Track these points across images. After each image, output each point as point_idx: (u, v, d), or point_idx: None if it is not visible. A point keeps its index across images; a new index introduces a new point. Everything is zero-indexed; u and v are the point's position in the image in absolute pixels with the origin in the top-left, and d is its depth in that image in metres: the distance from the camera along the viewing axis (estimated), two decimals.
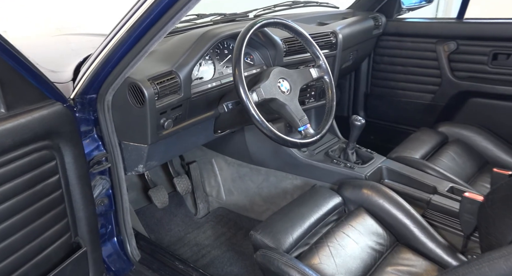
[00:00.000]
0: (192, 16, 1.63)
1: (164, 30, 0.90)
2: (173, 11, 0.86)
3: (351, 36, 1.87)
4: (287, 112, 1.20)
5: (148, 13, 0.87)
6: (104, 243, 1.26)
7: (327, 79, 1.33)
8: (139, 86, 1.03)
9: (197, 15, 1.65)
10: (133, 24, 0.90)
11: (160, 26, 0.89)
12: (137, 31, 0.91)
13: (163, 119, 1.12)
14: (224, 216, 1.88)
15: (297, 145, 1.17)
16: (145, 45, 0.93)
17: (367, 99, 2.48)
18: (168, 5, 0.86)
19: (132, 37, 0.92)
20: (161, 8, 0.86)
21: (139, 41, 0.93)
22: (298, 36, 1.29)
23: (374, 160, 1.58)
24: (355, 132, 1.52)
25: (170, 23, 0.89)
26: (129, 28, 0.91)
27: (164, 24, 0.89)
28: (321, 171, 1.57)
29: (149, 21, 0.89)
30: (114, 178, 1.18)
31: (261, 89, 1.13)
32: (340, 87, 2.52)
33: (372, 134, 2.50)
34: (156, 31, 0.90)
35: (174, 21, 0.89)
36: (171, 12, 0.86)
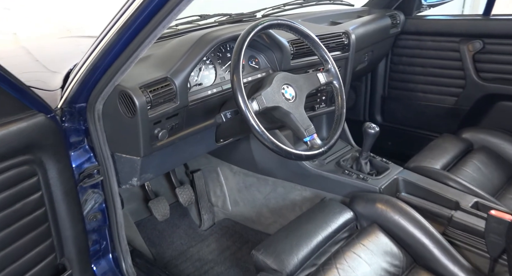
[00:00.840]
0: (194, 17, 1.56)
1: (154, 35, 0.84)
2: (162, 14, 0.80)
3: (365, 36, 1.77)
4: (291, 122, 1.12)
5: (135, 17, 0.81)
6: (98, 260, 1.20)
7: (337, 85, 1.23)
8: (130, 94, 0.96)
9: (200, 16, 1.58)
10: (120, 29, 0.84)
11: (150, 30, 0.83)
12: (125, 36, 0.85)
13: (157, 130, 1.06)
14: (230, 228, 1.80)
15: (302, 157, 1.08)
16: (134, 51, 0.87)
17: (384, 102, 2.36)
18: (157, 8, 0.80)
19: (120, 42, 0.86)
20: (149, 11, 0.80)
21: (128, 46, 0.87)
22: (304, 39, 1.21)
23: (389, 170, 1.47)
24: (369, 141, 1.42)
25: (160, 27, 0.82)
26: (116, 33, 0.85)
27: (153, 28, 0.82)
28: (331, 182, 1.47)
29: (137, 25, 0.83)
30: (107, 192, 1.12)
31: (262, 97, 1.05)
32: (356, 89, 2.41)
33: (390, 140, 2.38)
34: (146, 36, 0.84)
35: (164, 24, 0.82)
36: (160, 15, 0.80)
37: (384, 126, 2.38)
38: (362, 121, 2.44)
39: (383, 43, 2.03)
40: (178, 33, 1.43)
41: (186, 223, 1.82)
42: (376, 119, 2.41)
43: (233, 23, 1.65)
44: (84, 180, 1.06)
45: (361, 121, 2.43)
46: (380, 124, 2.39)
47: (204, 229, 1.82)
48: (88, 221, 1.12)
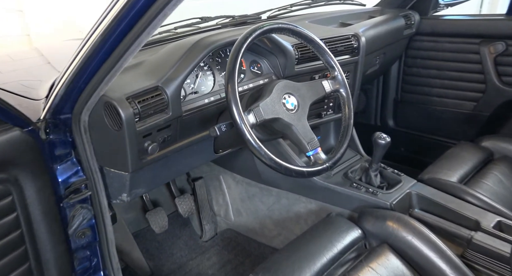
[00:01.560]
0: (195, 20, 1.47)
1: (139, 42, 0.76)
2: (146, 20, 0.72)
3: (377, 38, 1.65)
4: (293, 134, 1.02)
5: (116, 23, 0.74)
6: None
7: (344, 94, 1.13)
8: (115, 106, 0.88)
9: (201, 19, 1.49)
10: (102, 36, 0.77)
11: (133, 38, 0.75)
12: (108, 43, 0.78)
13: (147, 143, 0.97)
14: (232, 239, 1.71)
15: (304, 174, 0.98)
16: (118, 60, 0.79)
17: (397, 106, 2.24)
18: (140, 13, 0.71)
19: (103, 50, 0.79)
20: (131, 17, 0.72)
21: (111, 54, 0.79)
22: (308, 43, 1.10)
23: (401, 184, 1.36)
24: (379, 152, 1.30)
25: (145, 34, 0.74)
26: (98, 40, 0.78)
27: (137, 35, 0.74)
28: (338, 196, 1.37)
29: (120, 32, 0.75)
30: (95, 207, 1.04)
31: (260, 109, 0.95)
32: (366, 92, 2.29)
33: (403, 145, 2.26)
34: (129, 44, 0.76)
35: (149, 31, 0.74)
36: (144, 21, 0.72)
37: (396, 131, 2.26)
38: (373, 125, 2.32)
39: (396, 45, 1.91)
40: (177, 36, 1.35)
41: (187, 233, 1.74)
42: (388, 123, 2.29)
43: (236, 25, 1.55)
44: (70, 196, 0.98)
45: (372, 126, 2.32)
46: (392, 129, 2.26)
47: (206, 240, 1.73)
48: (76, 238, 1.05)
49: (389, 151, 1.33)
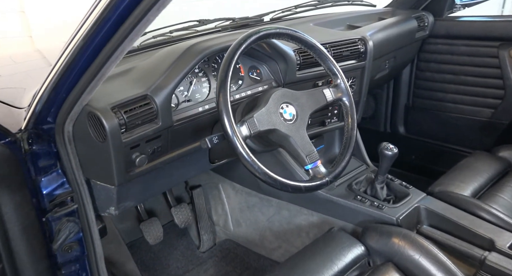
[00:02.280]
0: (192, 23, 1.43)
1: (121, 50, 0.72)
2: (128, 26, 0.67)
3: (387, 41, 1.59)
4: (290, 146, 0.96)
5: (97, 30, 0.69)
6: None
7: (347, 102, 1.07)
8: (98, 117, 0.84)
9: (199, 21, 1.44)
10: (82, 43, 0.72)
11: (115, 45, 0.71)
12: (88, 51, 0.74)
13: (135, 155, 0.93)
14: (231, 250, 1.66)
15: (301, 189, 0.92)
16: (100, 68, 0.75)
17: (408, 112, 2.16)
18: (121, 19, 0.67)
19: (84, 58, 0.75)
20: (112, 23, 0.68)
21: (93, 62, 0.75)
22: (308, 49, 1.05)
23: (410, 197, 1.29)
24: (385, 164, 1.23)
25: (127, 41, 0.70)
26: (78, 47, 0.74)
27: (119, 42, 0.70)
28: (341, 209, 1.30)
29: (101, 39, 0.71)
30: (82, 221, 1.00)
31: (255, 120, 0.90)
32: (376, 97, 2.21)
33: (414, 153, 2.18)
34: (111, 51, 0.72)
35: (132, 37, 0.70)
36: (126, 28, 0.68)
37: (407, 138, 2.18)
38: (382, 132, 2.24)
39: (408, 48, 1.83)
40: (172, 41, 1.31)
41: (184, 243, 1.70)
42: (398, 130, 2.21)
43: (237, 28, 1.50)
44: (55, 209, 0.94)
45: (382, 133, 2.24)
46: (403, 136, 2.19)
47: (203, 251, 1.69)
48: (63, 252, 1.01)
49: (400, 159, 1.27)
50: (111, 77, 0.99)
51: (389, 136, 2.23)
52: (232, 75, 1.19)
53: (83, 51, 0.73)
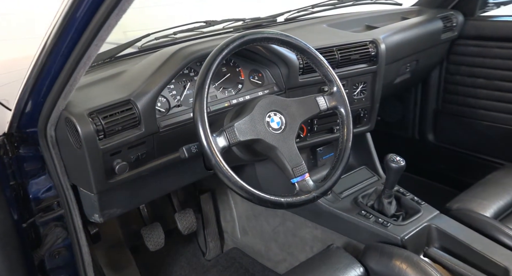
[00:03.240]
0: (198, 24, 1.41)
1: (88, 55, 0.72)
2: (90, 32, 0.68)
3: (406, 43, 1.49)
4: (277, 158, 0.92)
5: (61, 37, 0.70)
6: None
7: (343, 111, 1.01)
8: (73, 122, 0.84)
9: (205, 22, 1.42)
10: (50, 49, 0.73)
11: (81, 51, 0.72)
12: (58, 57, 0.75)
13: (116, 162, 0.92)
14: (237, 259, 1.64)
15: (282, 205, 0.88)
16: (71, 73, 0.76)
17: (437, 118, 2.03)
18: (83, 25, 0.67)
19: (55, 64, 0.76)
20: (75, 30, 0.68)
21: (63, 68, 0.75)
22: (301, 54, 1.00)
23: (420, 214, 1.20)
24: (392, 177, 1.16)
25: (93, 46, 0.70)
26: (47, 53, 0.75)
27: (85, 48, 0.71)
28: (344, 224, 1.24)
29: (67, 46, 0.72)
30: (69, 227, 1.01)
31: (235, 129, 0.86)
32: (403, 101, 2.10)
33: (443, 162, 2.05)
34: (79, 57, 0.73)
35: (97, 43, 0.70)
36: (89, 33, 0.68)
37: (436, 146, 2.05)
38: (410, 138, 2.13)
39: (433, 51, 1.72)
40: (175, 43, 1.30)
41: (190, 250, 1.69)
42: (427, 137, 2.08)
43: (247, 30, 1.47)
44: (39, 214, 0.96)
45: (409, 139, 2.13)
46: (431, 143, 2.06)
47: (209, 259, 1.67)
48: (51, 258, 1.03)
49: (428, 167, 1.18)
50: (98, 81, 1.00)
51: (417, 144, 2.11)
52: (231, 78, 1.18)
53: (53, 57, 0.74)
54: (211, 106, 1.11)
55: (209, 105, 1.11)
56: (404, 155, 1.37)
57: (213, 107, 1.11)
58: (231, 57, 1.18)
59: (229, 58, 1.18)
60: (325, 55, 1.22)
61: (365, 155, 1.47)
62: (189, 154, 0.87)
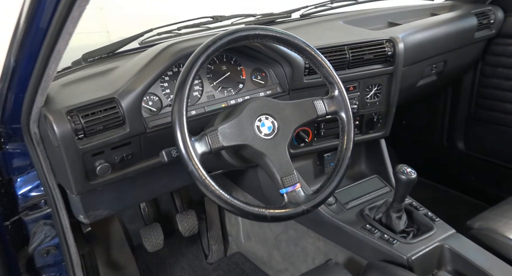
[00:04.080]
0: (204, 19, 1.36)
1: (58, 50, 0.70)
2: (55, 26, 0.65)
3: (430, 42, 1.38)
4: (266, 165, 0.86)
5: (28, 32, 0.68)
6: None
7: (344, 117, 0.92)
8: (50, 121, 0.82)
9: (212, 18, 1.37)
10: (21, 43, 0.72)
11: (50, 46, 0.69)
12: (29, 53, 0.72)
13: (99, 162, 0.90)
14: (239, 265, 1.59)
15: (265, 218, 0.82)
16: (43, 69, 0.75)
17: (469, 124, 1.88)
18: (47, 20, 0.64)
19: (26, 60, 0.75)
20: (41, 24, 0.66)
21: (35, 64, 0.74)
22: (300, 53, 0.92)
23: (433, 232, 1.10)
24: (401, 190, 1.06)
25: (61, 40, 0.68)
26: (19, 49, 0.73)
27: (53, 42, 0.68)
28: (347, 237, 1.16)
29: (35, 41, 0.70)
30: (56, 225, 1.01)
31: (218, 133, 0.81)
32: (431, 105, 1.97)
33: (474, 174, 1.90)
34: (49, 53, 0.70)
35: (64, 37, 0.68)
36: (54, 27, 0.65)
37: (467, 155, 1.91)
38: (438, 145, 2.00)
39: (465, 51, 1.58)
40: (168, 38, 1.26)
41: (193, 251, 1.66)
42: (456, 145, 1.94)
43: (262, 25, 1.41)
44: (25, 212, 0.95)
45: (437, 146, 2.00)
46: (462, 152, 1.92)
47: (211, 262, 1.64)
48: (39, 256, 1.03)
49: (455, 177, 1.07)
50: (87, 77, 0.98)
51: (444, 151, 1.97)
52: (232, 77, 1.13)
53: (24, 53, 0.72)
54: (207, 107, 1.06)
55: (204, 106, 1.06)
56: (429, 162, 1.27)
57: (209, 108, 1.06)
58: (233, 55, 1.13)
59: (230, 55, 1.13)
60: (335, 54, 1.14)
61: (378, 163, 1.37)
62: (169, 158, 0.83)
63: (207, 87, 1.09)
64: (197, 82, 1.08)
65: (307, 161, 1.34)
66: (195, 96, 1.07)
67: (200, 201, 1.68)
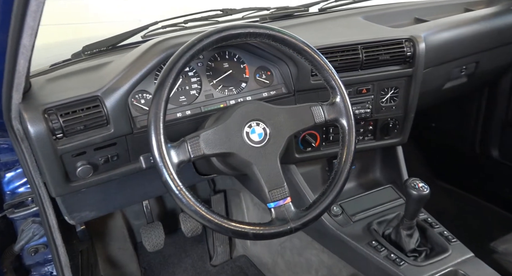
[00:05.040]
0: (213, 12, 1.30)
1: (23, 45, 0.67)
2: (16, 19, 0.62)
3: (459, 41, 1.26)
4: (253, 175, 0.80)
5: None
6: None
7: (345, 126, 0.84)
8: (25, 119, 0.79)
9: (222, 11, 1.31)
10: None
11: (15, 41, 0.66)
12: None
13: (81, 163, 0.86)
14: (244, 269, 1.55)
15: (247, 235, 0.76)
16: (14, 64, 0.71)
17: (505, 130, 1.72)
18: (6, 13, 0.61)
19: None
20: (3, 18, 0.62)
21: (5, 60, 0.71)
22: (299, 54, 0.85)
23: (448, 254, 1.00)
24: (412, 206, 0.97)
25: (25, 35, 0.65)
26: None
27: (17, 37, 0.65)
28: (352, 253, 1.08)
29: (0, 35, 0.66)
30: (44, 225, 0.99)
31: (200, 140, 0.75)
32: (464, 108, 1.82)
33: (508, 185, 1.74)
34: (15, 47, 0.67)
35: (28, 31, 0.64)
36: (15, 21, 0.62)
37: (500, 164, 1.77)
38: (469, 152, 1.85)
39: (502, 50, 1.44)
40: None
41: (198, 252, 1.63)
42: (490, 152, 1.80)
43: (275, 20, 1.34)
44: (11, 209, 0.94)
45: (468, 153, 1.85)
46: (495, 160, 1.78)
47: (215, 264, 1.60)
48: (28, 254, 1.02)
49: (487, 187, 0.98)
50: (77, 72, 0.95)
51: (476, 159, 1.83)
52: (234, 76, 1.07)
53: None
54: (203, 107, 1.01)
55: (201, 106, 1.01)
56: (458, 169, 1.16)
57: (206, 108, 1.01)
58: (236, 52, 1.07)
59: (233, 52, 1.07)
60: (347, 54, 1.06)
61: (393, 171, 1.28)
62: (147, 164, 0.78)
63: (206, 85, 1.03)
64: (195, 80, 1.03)
65: (315, 166, 1.26)
66: (192, 95, 1.02)
67: (207, 200, 1.64)
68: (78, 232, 1.20)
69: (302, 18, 1.38)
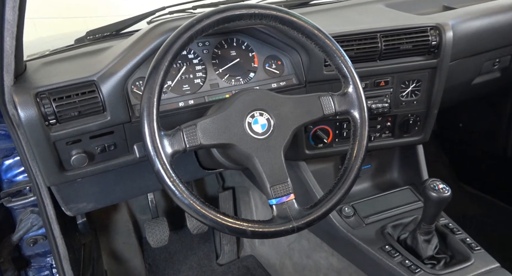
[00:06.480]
0: None
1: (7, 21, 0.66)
2: None
3: (492, 31, 1.18)
4: (255, 170, 0.76)
5: None
6: None
7: (357, 119, 0.79)
8: (15, 103, 0.77)
9: None
10: None
11: None
12: None
13: (75, 152, 0.84)
14: (250, 269, 1.51)
15: (245, 233, 0.71)
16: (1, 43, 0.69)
17: None
18: None
19: None
20: None
21: None
22: (309, 39, 0.79)
23: (470, 263, 0.93)
24: (431, 210, 0.91)
25: (7, 9, 0.64)
26: None
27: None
28: (363, 257, 1.03)
29: None
30: (41, 215, 0.98)
31: (197, 129, 0.72)
32: (495, 106, 1.72)
33: None
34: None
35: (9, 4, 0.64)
36: None
37: None
38: (499, 154, 1.76)
39: None
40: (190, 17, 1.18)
41: (205, 250, 1.61)
42: None
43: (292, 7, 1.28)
44: (8, 198, 0.93)
45: (498, 155, 1.75)
46: None
47: (221, 263, 1.57)
48: (26, 245, 1.01)
49: None
50: (75, 56, 0.93)
51: (507, 163, 1.73)
52: (242, 65, 1.03)
53: None
54: (208, 97, 0.98)
55: (205, 95, 0.98)
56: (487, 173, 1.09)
57: (210, 98, 0.98)
58: (244, 39, 1.02)
59: (242, 40, 1.02)
60: (364, 42, 1.00)
61: (412, 172, 1.21)
62: (141, 153, 0.75)
63: (211, 74, 1.00)
64: (200, 68, 0.99)
65: (327, 164, 1.21)
66: (196, 84, 0.99)
67: (215, 197, 1.61)
68: (79, 224, 1.19)
69: (319, 5, 1.32)
